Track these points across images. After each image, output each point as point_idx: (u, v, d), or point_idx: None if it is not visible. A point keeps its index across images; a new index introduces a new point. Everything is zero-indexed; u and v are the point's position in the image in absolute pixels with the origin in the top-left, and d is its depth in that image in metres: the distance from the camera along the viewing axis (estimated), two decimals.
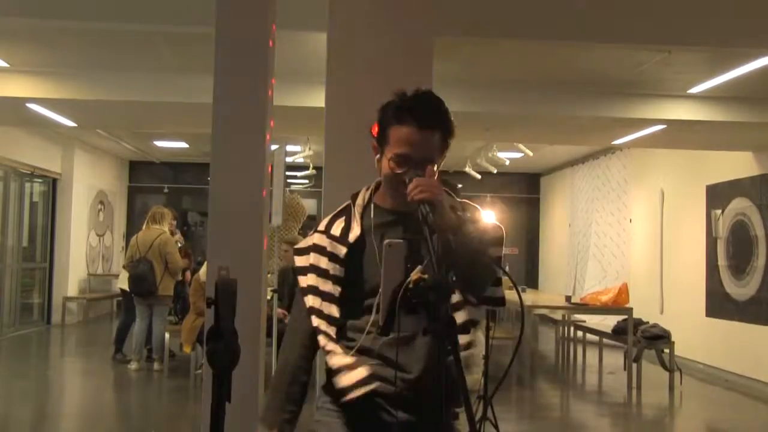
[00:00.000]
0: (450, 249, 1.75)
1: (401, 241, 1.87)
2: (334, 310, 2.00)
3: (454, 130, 2.00)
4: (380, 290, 1.86)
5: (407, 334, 1.90)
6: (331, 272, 2.00)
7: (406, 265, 1.83)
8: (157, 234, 8.13)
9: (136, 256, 8.02)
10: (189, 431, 5.95)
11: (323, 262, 2.01)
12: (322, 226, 2.08)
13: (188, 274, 9.18)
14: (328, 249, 2.02)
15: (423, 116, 1.93)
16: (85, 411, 6.89)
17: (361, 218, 2.04)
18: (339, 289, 2.00)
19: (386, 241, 1.86)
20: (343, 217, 2.06)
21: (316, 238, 2.06)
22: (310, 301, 2.01)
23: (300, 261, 2.06)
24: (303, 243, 2.09)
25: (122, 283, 8.78)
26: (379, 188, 2.08)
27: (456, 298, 1.95)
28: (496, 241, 2.06)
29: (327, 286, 2.00)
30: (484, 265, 1.96)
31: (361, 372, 1.94)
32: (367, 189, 2.10)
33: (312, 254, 2.04)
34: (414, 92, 1.98)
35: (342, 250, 2.00)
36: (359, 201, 2.07)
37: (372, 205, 2.07)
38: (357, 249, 2.01)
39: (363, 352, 1.97)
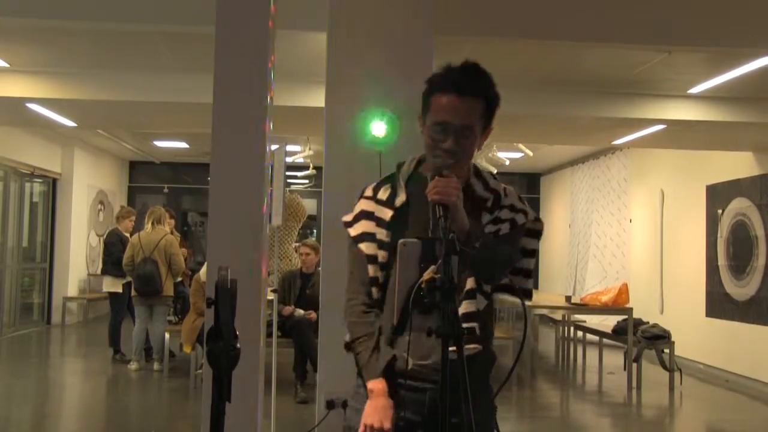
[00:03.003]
0: (454, 250, 1.77)
1: (416, 240, 1.90)
2: (380, 276, 2.02)
3: (499, 101, 2.02)
4: (396, 289, 1.90)
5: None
6: (378, 237, 2.02)
7: (420, 265, 1.85)
8: (162, 235, 8.16)
9: (139, 256, 8.02)
10: (189, 431, 5.95)
11: (372, 227, 2.04)
12: (369, 192, 2.10)
13: (187, 271, 9.20)
14: (376, 214, 2.05)
15: (463, 83, 1.97)
16: (85, 411, 6.89)
17: (406, 186, 2.07)
18: (384, 253, 2.01)
19: (401, 241, 1.90)
20: (389, 184, 2.09)
21: (363, 204, 2.08)
22: (371, 271, 2.02)
23: (353, 231, 2.07)
24: (351, 215, 2.10)
25: (112, 287, 8.78)
26: (423, 161, 2.12)
27: (469, 284, 1.97)
28: (535, 233, 2.10)
29: (379, 252, 2.02)
30: (499, 263, 1.98)
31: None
32: (413, 159, 2.13)
33: (363, 221, 2.06)
34: (462, 63, 2.02)
35: (388, 213, 2.03)
36: (405, 169, 2.11)
37: (416, 176, 2.09)
38: (403, 213, 2.03)
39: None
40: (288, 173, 6.93)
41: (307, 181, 13.30)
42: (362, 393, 2.02)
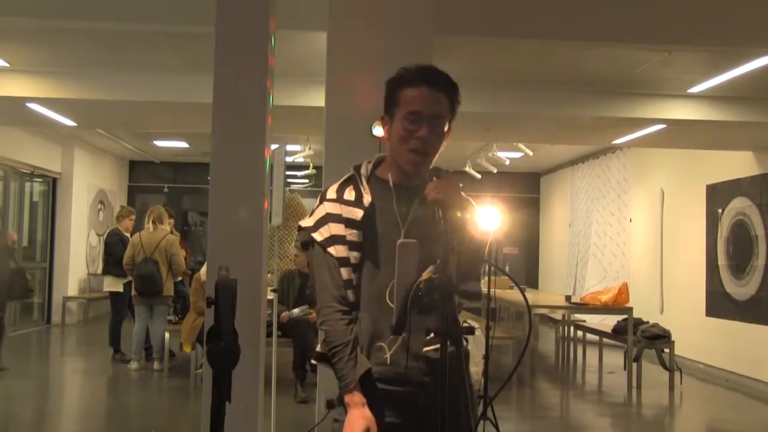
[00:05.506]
0: (452, 249, 1.78)
1: (414, 241, 1.90)
2: (354, 278, 2.00)
3: (459, 102, 2.07)
4: (395, 289, 1.90)
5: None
6: (348, 238, 1.99)
7: (419, 265, 1.85)
8: (163, 235, 8.17)
9: (140, 256, 8.02)
10: (189, 431, 5.95)
11: (341, 230, 2.00)
12: (332, 194, 2.05)
13: (187, 270, 9.20)
14: (344, 215, 2.01)
15: (431, 77, 2.03)
16: (85, 411, 6.89)
17: (368, 187, 2.06)
18: (356, 254, 1.99)
19: (399, 241, 1.90)
20: (351, 185, 2.06)
21: (328, 207, 2.03)
22: (345, 274, 1.99)
23: (319, 235, 2.02)
24: (312, 219, 2.05)
25: (113, 286, 8.78)
26: (380, 164, 2.11)
27: None
28: (483, 244, 2.07)
29: (351, 254, 1.99)
30: (476, 263, 2.01)
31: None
32: (369, 162, 2.13)
33: (330, 224, 2.01)
34: (419, 64, 2.07)
35: (359, 213, 2.00)
36: (363, 171, 2.09)
37: (374, 178, 2.08)
38: (371, 213, 2.01)
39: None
40: (288, 173, 6.93)
41: (307, 181, 13.30)
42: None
